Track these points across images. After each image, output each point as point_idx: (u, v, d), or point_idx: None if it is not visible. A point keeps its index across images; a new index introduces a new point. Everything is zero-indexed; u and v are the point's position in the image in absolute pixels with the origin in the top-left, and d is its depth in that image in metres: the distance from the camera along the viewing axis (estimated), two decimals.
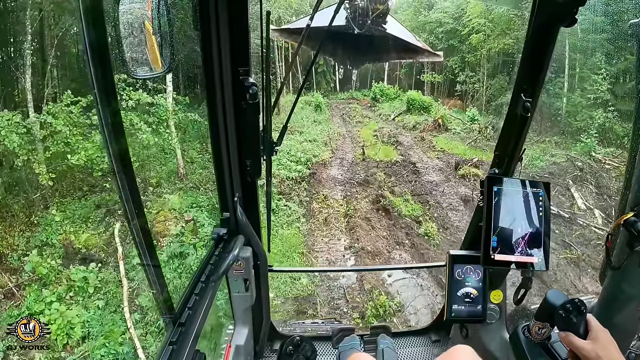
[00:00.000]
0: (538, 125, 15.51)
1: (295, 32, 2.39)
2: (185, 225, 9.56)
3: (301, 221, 11.23)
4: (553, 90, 16.17)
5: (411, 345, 2.65)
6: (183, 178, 12.13)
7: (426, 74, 28.20)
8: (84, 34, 0.92)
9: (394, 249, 9.86)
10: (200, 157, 13.47)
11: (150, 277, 1.30)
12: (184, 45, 6.44)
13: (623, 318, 1.65)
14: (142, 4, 1.27)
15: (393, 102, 27.03)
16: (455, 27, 24.75)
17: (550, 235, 1.86)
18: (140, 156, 10.92)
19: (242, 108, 1.66)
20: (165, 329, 1.38)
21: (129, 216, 1.17)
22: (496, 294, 2.13)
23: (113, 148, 1.07)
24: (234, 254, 1.66)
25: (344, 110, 27.47)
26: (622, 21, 10.19)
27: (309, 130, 19.88)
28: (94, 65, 0.95)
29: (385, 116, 24.97)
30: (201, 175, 12.47)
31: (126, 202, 1.14)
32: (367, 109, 27.88)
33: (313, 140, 18.07)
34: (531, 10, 1.64)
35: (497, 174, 1.98)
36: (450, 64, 25.59)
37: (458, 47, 24.83)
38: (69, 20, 11.70)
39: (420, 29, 26.85)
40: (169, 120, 11.09)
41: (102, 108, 1.01)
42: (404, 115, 23.77)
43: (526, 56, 1.76)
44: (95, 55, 0.95)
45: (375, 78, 32.14)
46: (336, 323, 3.80)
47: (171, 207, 10.34)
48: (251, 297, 2.07)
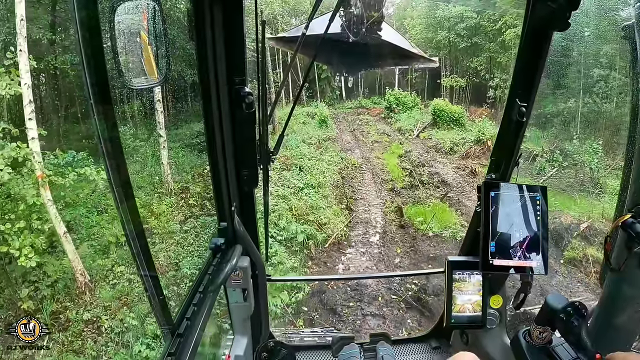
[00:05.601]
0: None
1: (291, 41, 2.67)
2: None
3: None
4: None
5: (411, 353, 2.93)
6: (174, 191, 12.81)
7: (446, 77, 27.85)
8: (79, 44, 1.04)
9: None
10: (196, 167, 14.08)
11: (148, 288, 1.45)
12: (179, 56, 6.81)
13: (624, 319, 1.89)
14: (138, 14, 1.44)
15: (411, 111, 26.33)
16: (480, 22, 24.52)
17: (548, 239, 2.14)
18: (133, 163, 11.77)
19: (238, 118, 1.92)
20: (163, 340, 1.57)
21: (126, 227, 1.31)
22: (496, 299, 2.40)
23: (110, 158, 1.19)
24: (231, 263, 1.86)
25: (354, 124, 26.42)
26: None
27: (311, 163, 17.02)
28: (90, 76, 1.07)
29: (406, 131, 23.49)
30: (198, 185, 12.94)
31: (122, 212, 1.28)
32: (381, 121, 26.99)
33: (317, 186, 14.81)
34: (524, 15, 1.95)
35: (494, 179, 2.27)
36: (474, 65, 25.34)
37: (483, 45, 24.55)
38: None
39: (438, 26, 26.81)
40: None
41: (99, 119, 1.13)
42: (429, 129, 22.63)
43: (520, 61, 2.07)
44: (91, 66, 1.06)
45: (385, 83, 32.25)
46: (335, 332, 4.07)
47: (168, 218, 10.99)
48: (250, 307, 2.33)
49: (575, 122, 17.29)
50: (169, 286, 9.25)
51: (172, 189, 12.95)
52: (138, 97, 13.05)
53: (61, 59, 13.87)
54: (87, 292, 9.16)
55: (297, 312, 8.89)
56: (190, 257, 9.95)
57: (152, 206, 11.84)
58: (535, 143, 17.41)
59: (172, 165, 13.37)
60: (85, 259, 9.75)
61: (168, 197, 12.63)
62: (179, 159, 14.84)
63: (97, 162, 10.62)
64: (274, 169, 15.76)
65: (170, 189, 12.89)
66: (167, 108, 13.34)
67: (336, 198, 14.52)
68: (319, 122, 23.58)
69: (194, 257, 9.82)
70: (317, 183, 14.95)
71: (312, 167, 16.47)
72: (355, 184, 16.39)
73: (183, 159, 15.15)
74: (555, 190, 13.82)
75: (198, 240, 10.59)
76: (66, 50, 13.86)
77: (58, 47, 14.05)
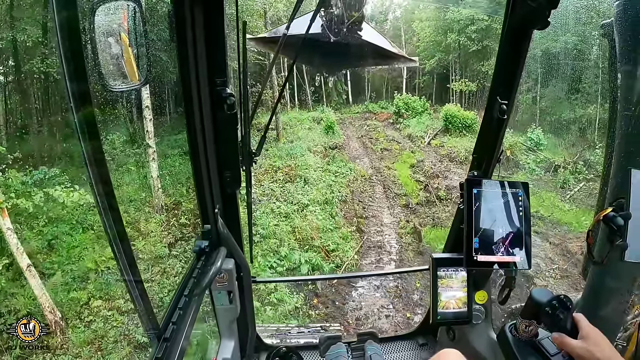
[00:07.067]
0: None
1: (271, 41, 2.76)
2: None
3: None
4: None
5: (398, 350, 3.04)
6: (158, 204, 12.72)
7: (456, 81, 27.97)
8: (59, 45, 1.07)
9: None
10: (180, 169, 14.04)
11: (132, 292, 1.50)
12: (160, 57, 6.84)
13: (608, 311, 2.02)
14: (118, 15, 1.48)
15: (421, 117, 26.39)
16: (491, 24, 24.71)
17: (531, 234, 2.24)
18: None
19: (220, 119, 1.99)
20: (150, 345, 1.62)
21: (109, 230, 1.35)
22: (481, 295, 2.52)
23: (90, 160, 1.24)
24: (216, 266, 1.92)
25: (362, 130, 26.23)
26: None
27: (317, 175, 16.63)
28: (70, 79, 1.11)
29: (416, 138, 23.34)
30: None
31: (105, 216, 1.32)
32: (389, 126, 27.00)
33: (324, 203, 14.11)
34: (505, 14, 2.04)
35: (476, 176, 2.37)
36: (485, 69, 25.33)
37: (495, 48, 24.32)
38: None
39: (448, 29, 26.96)
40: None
41: (79, 122, 1.17)
42: (441, 136, 22.57)
43: (501, 60, 2.16)
44: (70, 68, 1.10)
45: (392, 87, 32.56)
46: (322, 331, 4.15)
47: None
48: (236, 310, 2.40)
49: (595, 128, 17.15)
50: (153, 291, 9.16)
51: (161, 204, 12.87)
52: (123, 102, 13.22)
53: (33, 64, 13.67)
54: (58, 333, 8.61)
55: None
56: (175, 261, 9.97)
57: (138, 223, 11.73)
58: (553, 152, 17.36)
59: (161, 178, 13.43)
60: (56, 293, 9.37)
61: (153, 211, 12.57)
62: (169, 169, 14.89)
63: (71, 179, 10.44)
64: (276, 181, 15.72)
65: (158, 205, 12.79)
66: (156, 114, 13.52)
67: (345, 217, 13.97)
68: (325, 128, 23.57)
69: (179, 260, 9.84)
70: (323, 199, 14.50)
71: (318, 180, 16.22)
72: (365, 198, 15.95)
73: (173, 168, 15.13)
74: (585, 208, 13.34)
75: (182, 244, 10.62)
76: (34, 55, 13.77)
77: (25, 52, 14.02)
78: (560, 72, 19.11)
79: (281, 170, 16.64)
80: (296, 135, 21.86)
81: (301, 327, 6.83)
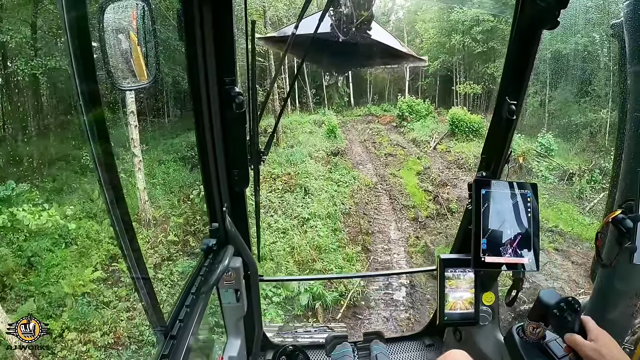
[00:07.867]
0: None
1: (280, 41, 2.80)
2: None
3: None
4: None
5: (405, 351, 3.07)
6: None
7: (460, 83, 27.82)
8: (68, 45, 1.08)
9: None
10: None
11: (140, 290, 1.53)
12: (169, 56, 6.79)
13: (616, 314, 2.05)
14: (127, 14, 1.50)
15: (425, 120, 26.18)
16: (497, 25, 24.55)
17: (539, 235, 2.26)
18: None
19: (228, 118, 2.04)
20: (156, 343, 1.65)
21: (117, 228, 1.37)
22: (488, 296, 2.54)
23: (99, 158, 1.25)
24: (224, 264, 1.95)
25: (365, 134, 25.95)
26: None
27: (318, 184, 16.14)
28: (79, 78, 1.12)
29: (421, 143, 23.04)
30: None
31: (114, 214, 1.34)
32: (393, 130, 26.77)
33: (326, 217, 13.41)
34: (514, 14, 2.08)
35: (484, 176, 2.43)
36: (490, 70, 25.24)
37: (501, 49, 24.25)
38: None
39: (452, 30, 26.86)
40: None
41: (89, 121, 1.18)
42: (447, 141, 22.26)
43: (510, 60, 2.21)
44: (80, 67, 1.11)
45: (395, 89, 32.53)
46: (329, 331, 4.22)
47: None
48: (242, 308, 2.45)
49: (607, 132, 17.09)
50: (161, 288, 9.20)
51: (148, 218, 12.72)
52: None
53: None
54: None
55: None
56: (183, 259, 10.03)
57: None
58: (564, 158, 17.09)
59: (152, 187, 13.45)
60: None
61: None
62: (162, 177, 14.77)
63: (43, 195, 10.24)
64: (275, 190, 15.53)
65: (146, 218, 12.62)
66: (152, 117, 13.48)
67: (349, 233, 13.27)
68: (327, 132, 23.30)
69: (186, 258, 9.90)
70: (325, 212, 13.83)
71: (319, 189, 15.87)
72: (370, 211, 15.49)
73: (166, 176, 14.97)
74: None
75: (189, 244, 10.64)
76: (19, 56, 13.68)
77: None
78: (569, 75, 18.89)
79: (280, 179, 16.43)
80: (296, 139, 21.70)
81: (307, 327, 6.84)
